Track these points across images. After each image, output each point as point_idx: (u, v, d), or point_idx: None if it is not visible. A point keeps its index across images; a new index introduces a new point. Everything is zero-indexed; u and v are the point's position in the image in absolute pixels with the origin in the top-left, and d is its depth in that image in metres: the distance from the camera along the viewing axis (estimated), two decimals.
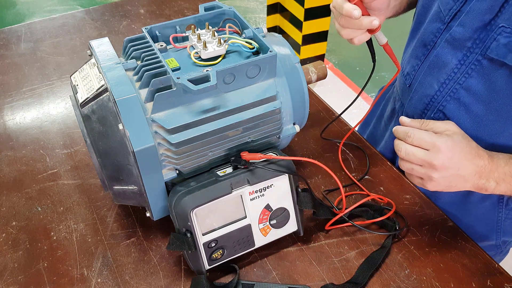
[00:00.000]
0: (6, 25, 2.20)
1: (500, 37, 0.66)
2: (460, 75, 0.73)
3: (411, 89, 0.83)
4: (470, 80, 0.72)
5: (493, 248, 0.91)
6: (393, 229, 0.74)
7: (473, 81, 0.71)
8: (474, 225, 0.86)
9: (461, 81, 0.73)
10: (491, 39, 0.67)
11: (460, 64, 0.72)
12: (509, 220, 0.86)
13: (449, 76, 0.74)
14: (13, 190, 0.85)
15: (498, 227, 0.87)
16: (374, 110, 1.06)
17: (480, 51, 0.69)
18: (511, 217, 0.85)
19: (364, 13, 0.65)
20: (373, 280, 0.70)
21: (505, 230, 0.87)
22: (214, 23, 0.75)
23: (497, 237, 0.88)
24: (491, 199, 0.83)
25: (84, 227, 0.78)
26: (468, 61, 0.71)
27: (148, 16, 1.38)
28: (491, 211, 0.85)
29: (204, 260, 0.67)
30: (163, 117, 0.63)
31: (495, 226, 0.87)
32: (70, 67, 1.17)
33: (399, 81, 0.91)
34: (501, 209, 0.84)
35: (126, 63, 0.67)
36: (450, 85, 0.74)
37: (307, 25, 2.46)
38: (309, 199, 0.71)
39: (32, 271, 0.72)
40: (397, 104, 0.92)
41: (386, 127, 0.99)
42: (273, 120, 0.71)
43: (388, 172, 0.87)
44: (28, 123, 1.00)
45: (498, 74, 0.68)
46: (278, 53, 0.67)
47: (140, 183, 0.65)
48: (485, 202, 0.84)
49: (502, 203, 0.83)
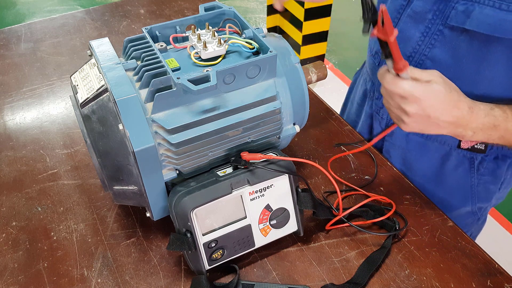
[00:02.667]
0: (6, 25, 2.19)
1: (457, 5, 0.70)
2: (425, 47, 0.77)
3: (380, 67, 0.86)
4: (434, 50, 0.76)
5: (470, 216, 0.96)
6: (393, 229, 0.74)
7: (437, 50, 0.76)
8: (452, 193, 0.92)
9: (426, 52, 0.77)
10: (449, 8, 0.72)
11: (423, 36, 0.77)
12: (482, 185, 0.90)
13: (414, 49, 0.79)
14: (13, 190, 0.85)
15: (473, 193, 0.91)
16: (349, 94, 1.13)
17: (440, 22, 0.74)
18: (483, 182, 0.89)
19: None
20: (373, 280, 0.70)
21: (479, 195, 0.91)
22: (214, 23, 0.75)
23: (472, 203, 0.93)
24: (463, 166, 0.88)
25: (84, 227, 0.78)
26: (431, 32, 0.76)
27: (148, 16, 1.38)
28: (464, 178, 0.89)
29: (204, 260, 0.67)
30: (163, 117, 0.63)
31: (469, 193, 0.91)
32: (70, 67, 1.17)
33: (368, 62, 0.96)
34: (473, 175, 0.88)
35: (126, 63, 0.67)
36: (417, 57, 0.79)
37: (307, 25, 2.46)
38: (309, 199, 0.71)
39: (32, 271, 0.72)
40: (368, 84, 0.97)
41: (360, 109, 1.03)
42: (273, 120, 0.71)
43: (388, 172, 0.87)
44: (28, 123, 1.00)
45: (460, 40, 0.73)
46: (278, 53, 0.67)
47: (140, 183, 0.65)
48: (458, 170, 0.88)
49: (473, 169, 0.87)
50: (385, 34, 0.57)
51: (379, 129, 0.96)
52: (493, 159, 0.86)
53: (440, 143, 0.87)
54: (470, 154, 0.86)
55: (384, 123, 0.94)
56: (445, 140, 0.86)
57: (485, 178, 0.88)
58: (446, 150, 0.88)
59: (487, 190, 0.91)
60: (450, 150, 0.87)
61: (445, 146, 0.87)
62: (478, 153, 0.85)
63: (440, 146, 0.88)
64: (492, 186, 0.90)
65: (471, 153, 0.86)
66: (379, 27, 0.57)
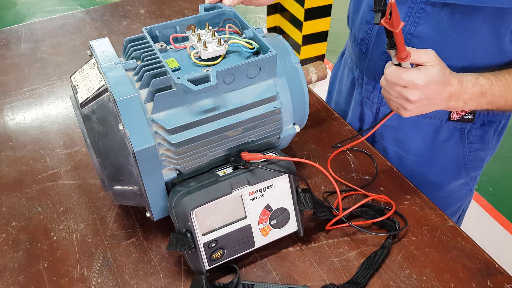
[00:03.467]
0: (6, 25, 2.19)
1: None
2: (410, 26, 0.81)
3: (367, 53, 0.91)
4: (419, 28, 0.80)
5: (464, 187, 1.01)
6: (393, 229, 0.74)
7: (422, 28, 0.80)
8: (446, 166, 0.96)
9: (411, 31, 0.81)
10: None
11: (407, 16, 0.81)
12: (473, 153, 0.94)
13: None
14: (13, 190, 0.85)
15: (465, 162, 0.95)
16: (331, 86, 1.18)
17: (422, 0, 0.78)
18: (473, 150, 0.94)
19: None
20: (373, 280, 0.70)
21: (471, 164, 0.96)
22: (214, 23, 0.75)
23: (466, 173, 0.97)
24: (454, 137, 0.92)
25: (84, 227, 0.78)
26: (414, 11, 0.80)
27: (148, 16, 1.38)
28: (456, 149, 0.94)
29: (204, 260, 0.67)
30: (163, 117, 0.63)
31: (462, 162, 0.95)
32: (70, 67, 1.17)
33: (353, 50, 0.98)
34: (465, 144, 0.93)
35: (126, 63, 0.67)
36: (404, 37, 0.81)
37: (307, 25, 2.46)
38: (309, 199, 0.71)
39: (32, 271, 0.72)
40: (356, 72, 0.99)
41: (349, 98, 1.05)
42: (273, 120, 0.71)
43: (388, 172, 0.87)
44: (28, 123, 1.00)
45: (442, 15, 0.77)
46: (278, 53, 0.67)
47: (140, 183, 0.65)
48: (450, 142, 0.93)
49: (464, 139, 0.91)
50: (392, 26, 0.62)
51: (370, 115, 0.99)
52: (481, 126, 0.90)
53: (431, 118, 0.90)
54: (460, 125, 0.90)
55: (375, 107, 0.97)
56: (435, 114, 0.89)
57: (475, 145, 0.93)
58: (437, 124, 0.91)
59: (478, 157, 0.95)
60: (441, 123, 0.90)
61: (436, 120, 0.90)
62: (467, 123, 0.90)
63: (431, 121, 0.91)
64: (482, 152, 0.95)
65: (461, 123, 0.90)
66: (386, 18, 0.61)
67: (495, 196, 2.04)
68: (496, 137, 0.96)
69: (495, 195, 2.05)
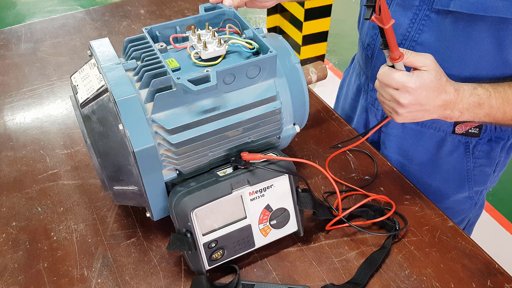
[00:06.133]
0: (6, 25, 2.20)
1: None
2: (414, 33, 0.81)
3: (373, 58, 0.91)
4: (423, 35, 0.80)
5: (467, 201, 0.98)
6: (393, 229, 0.74)
7: (426, 35, 0.80)
8: (449, 179, 0.94)
9: (415, 38, 0.81)
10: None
11: (412, 23, 0.80)
12: (477, 169, 0.92)
13: (405, 36, 0.82)
14: (13, 190, 0.85)
15: (469, 176, 0.93)
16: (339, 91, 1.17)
17: (427, 7, 0.77)
18: (478, 165, 0.92)
19: None
20: (373, 280, 0.70)
21: (475, 179, 0.94)
22: (214, 24, 0.75)
23: (469, 187, 0.95)
24: (459, 150, 0.90)
25: (84, 228, 0.78)
26: (419, 18, 0.79)
27: (148, 16, 1.38)
28: (460, 163, 0.92)
29: (204, 261, 0.67)
30: (163, 117, 0.63)
31: (466, 177, 0.93)
32: (70, 68, 1.17)
33: (360, 55, 0.98)
34: (469, 159, 0.91)
35: (126, 63, 0.67)
36: (407, 44, 0.82)
37: (307, 26, 2.46)
38: (309, 199, 0.71)
39: (32, 271, 0.72)
40: (362, 78, 0.99)
41: (354, 104, 1.05)
42: (273, 120, 0.71)
43: (388, 172, 0.87)
44: (28, 124, 1.00)
45: (446, 23, 0.76)
46: (278, 53, 0.67)
47: (140, 184, 0.65)
48: (454, 155, 0.91)
49: (469, 153, 0.90)
50: (382, 22, 0.61)
51: (375, 122, 0.98)
52: (487, 142, 0.89)
53: (435, 130, 0.89)
54: (465, 139, 0.88)
55: (380, 114, 0.96)
56: (440, 126, 0.88)
57: (480, 161, 0.91)
58: (441, 136, 0.89)
59: (483, 173, 0.93)
60: (445, 136, 0.89)
61: (440, 132, 0.89)
62: (473, 137, 0.88)
63: (435, 133, 0.89)
64: (487, 168, 0.93)
65: (466, 137, 0.88)
66: (376, 15, 0.61)
67: (495, 196, 2.04)
68: (505, 154, 0.93)
69: (495, 195, 2.05)
